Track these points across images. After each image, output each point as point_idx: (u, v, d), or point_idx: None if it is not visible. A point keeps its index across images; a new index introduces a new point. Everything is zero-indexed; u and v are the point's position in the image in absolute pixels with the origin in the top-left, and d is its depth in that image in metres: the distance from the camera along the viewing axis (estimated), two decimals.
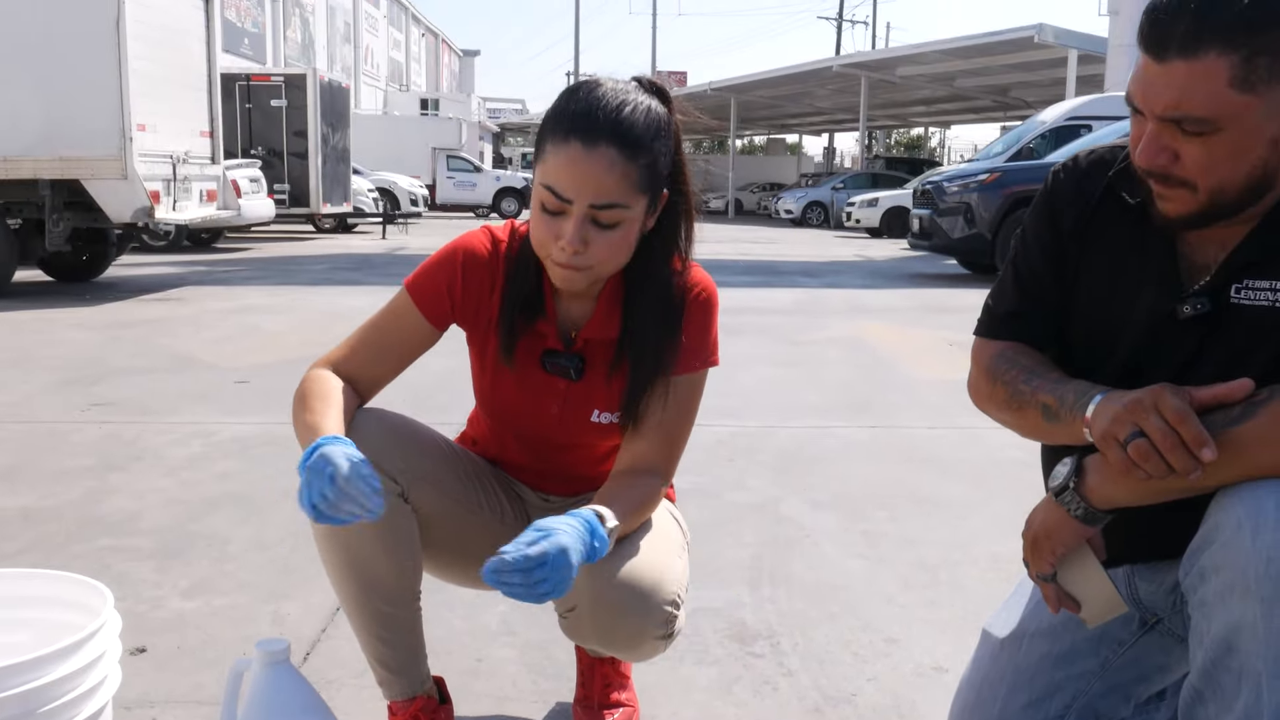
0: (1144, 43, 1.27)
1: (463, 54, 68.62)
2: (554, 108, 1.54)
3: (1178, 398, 1.19)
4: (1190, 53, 1.21)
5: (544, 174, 1.51)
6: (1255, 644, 1.17)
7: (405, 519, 1.64)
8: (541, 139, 1.54)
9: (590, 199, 1.48)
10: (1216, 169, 1.26)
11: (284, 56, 31.92)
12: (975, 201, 11.47)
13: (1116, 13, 17.57)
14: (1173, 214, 1.33)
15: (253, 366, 5.57)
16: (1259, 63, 1.20)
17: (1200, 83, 1.22)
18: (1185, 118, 1.24)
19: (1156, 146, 1.28)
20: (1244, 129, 1.23)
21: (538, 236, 1.55)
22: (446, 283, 1.67)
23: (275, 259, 13.39)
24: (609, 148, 1.47)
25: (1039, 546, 1.39)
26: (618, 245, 1.54)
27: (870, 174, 30.34)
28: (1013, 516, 1.46)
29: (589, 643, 1.63)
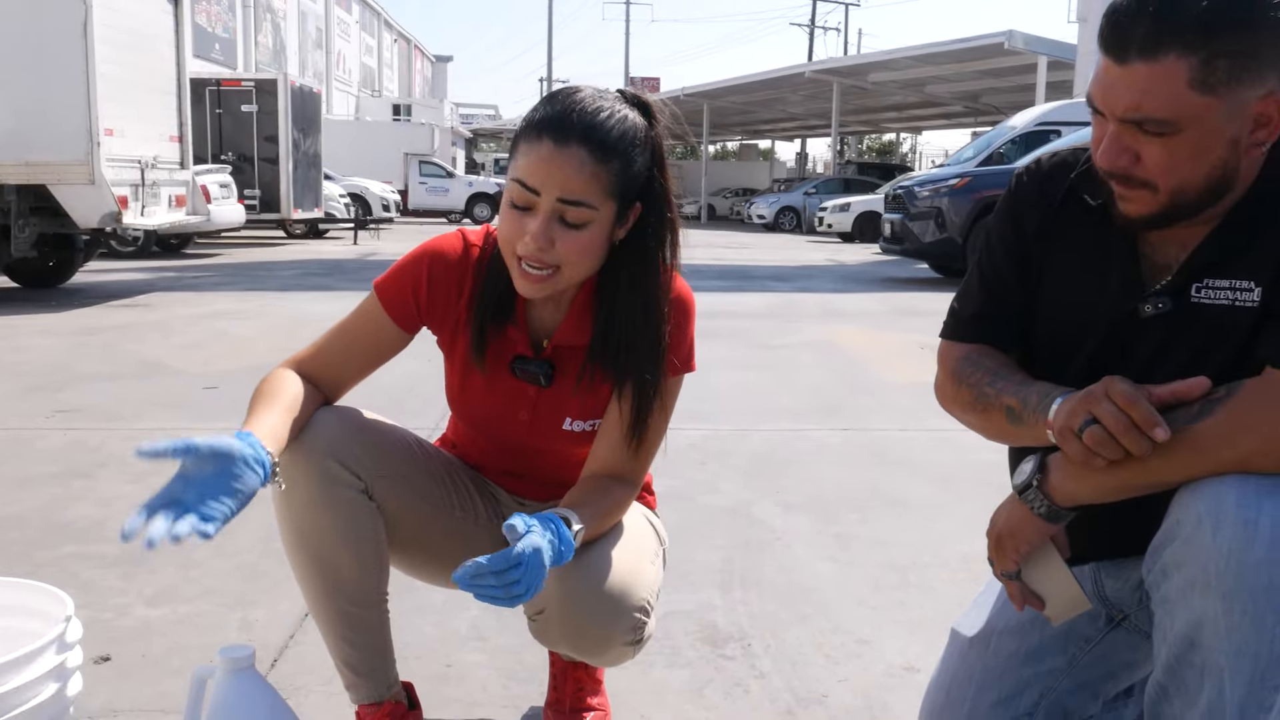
0: (1104, 45, 1.28)
1: (435, 60, 68.47)
2: (531, 110, 1.54)
3: (1128, 384, 1.20)
4: (1150, 55, 1.22)
5: (515, 170, 1.51)
6: (1217, 639, 1.18)
7: (369, 516, 1.63)
8: (516, 140, 1.54)
9: (558, 193, 1.48)
10: (1177, 170, 1.27)
11: (255, 62, 31.74)
12: (946, 206, 11.55)
13: (1085, 20, 17.77)
14: (1134, 214, 1.34)
15: (221, 372, 5.53)
16: (1218, 65, 1.21)
17: (1160, 84, 1.23)
18: (1146, 119, 1.25)
19: (1118, 148, 1.29)
20: (1204, 130, 1.24)
21: (504, 233, 1.54)
22: (412, 285, 1.66)
23: (245, 265, 13.30)
24: (580, 148, 1.47)
25: (1003, 545, 1.39)
26: (584, 248, 1.52)
27: (842, 179, 30.50)
28: (982, 518, 1.47)
29: (557, 646, 1.62)
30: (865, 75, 29.46)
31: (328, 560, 1.61)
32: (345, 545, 1.61)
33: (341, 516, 1.59)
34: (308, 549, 1.62)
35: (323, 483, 1.58)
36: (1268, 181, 1.32)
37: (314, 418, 1.61)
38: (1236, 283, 1.31)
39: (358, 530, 1.61)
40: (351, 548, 1.61)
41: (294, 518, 1.61)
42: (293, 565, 1.66)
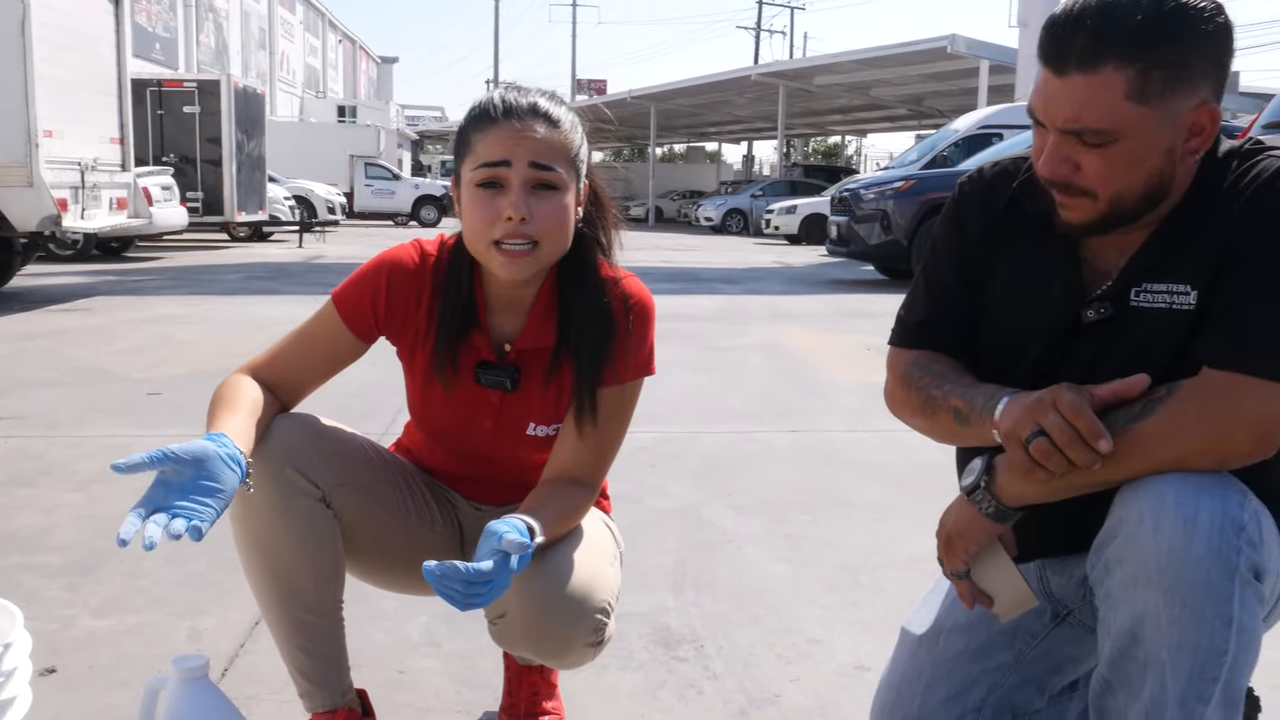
0: (1044, 58, 1.31)
1: (381, 61, 67.94)
2: (473, 108, 1.58)
3: (1074, 393, 1.24)
4: (1088, 67, 1.26)
5: (475, 159, 1.54)
6: (1159, 633, 1.21)
7: (327, 524, 1.62)
8: (466, 136, 1.56)
9: (530, 157, 1.52)
10: (1116, 178, 1.31)
11: (197, 62, 31.31)
12: (891, 208, 11.68)
13: (1026, 24, 18.03)
14: (1075, 222, 1.38)
15: (165, 378, 5.46)
16: (1153, 76, 1.25)
17: (1098, 96, 1.26)
18: (1085, 130, 1.29)
19: (1058, 158, 1.33)
20: (1140, 140, 1.28)
21: (476, 225, 1.55)
22: (370, 295, 1.66)
23: (188, 268, 13.12)
24: (534, 120, 1.54)
25: (952, 545, 1.42)
26: (559, 215, 1.55)
27: (789, 182, 30.74)
28: (931, 517, 1.49)
29: (518, 649, 1.62)
30: (810, 78, 29.68)
31: (285, 569, 1.60)
32: (303, 554, 1.60)
33: (300, 525, 1.59)
34: (265, 558, 1.61)
35: (282, 492, 1.57)
36: (1201, 188, 1.36)
37: (272, 425, 1.60)
38: (1173, 286, 1.35)
39: (316, 539, 1.61)
40: (309, 557, 1.61)
41: (251, 527, 1.60)
42: (248, 574, 1.65)
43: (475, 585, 1.32)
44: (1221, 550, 1.18)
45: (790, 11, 56.63)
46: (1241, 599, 1.19)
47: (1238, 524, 1.20)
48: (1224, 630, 1.19)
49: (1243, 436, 1.23)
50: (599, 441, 1.66)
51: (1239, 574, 1.19)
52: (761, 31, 55.04)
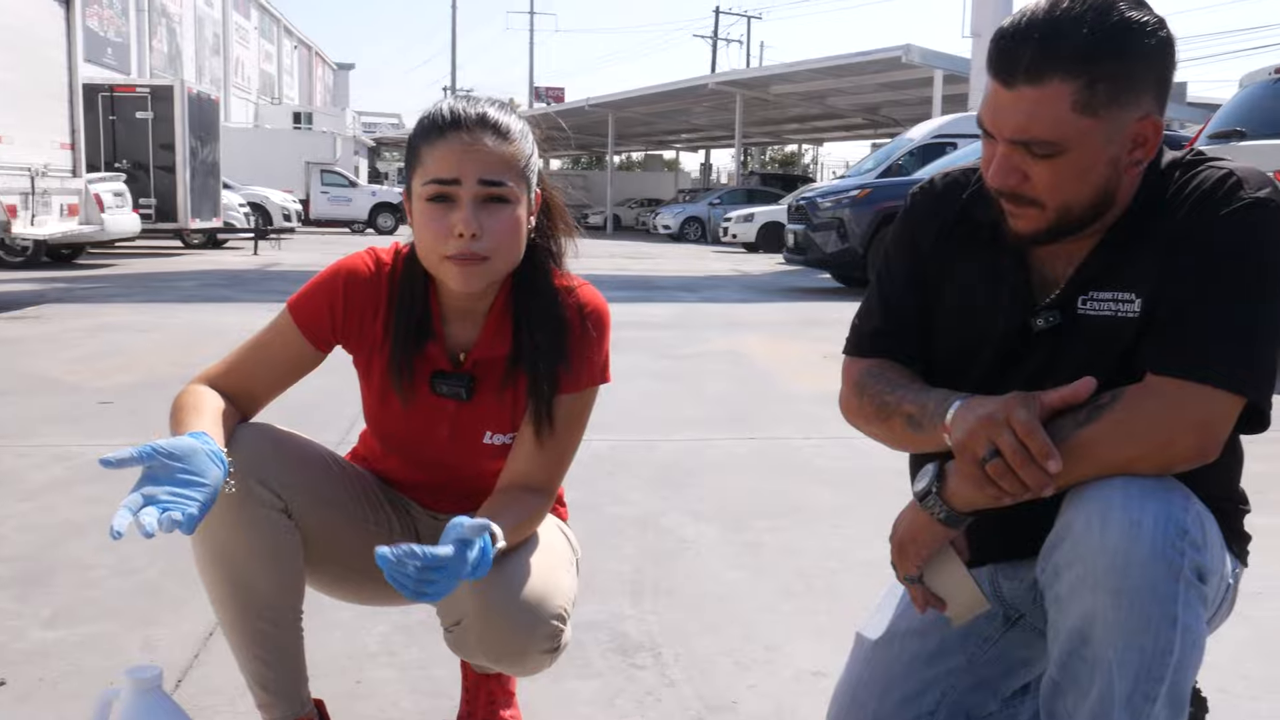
0: (993, 70, 1.34)
1: (337, 67, 67.57)
2: (423, 118, 1.59)
3: (1026, 410, 1.26)
4: (1036, 80, 1.29)
5: (425, 173, 1.55)
6: (1106, 634, 1.23)
7: (288, 535, 1.61)
8: (415, 151, 1.57)
9: (478, 173, 1.52)
10: (1063, 188, 1.34)
11: (150, 67, 30.97)
12: (847, 217, 11.77)
13: (979, 35, 18.24)
14: (1024, 231, 1.40)
15: (117, 387, 5.39)
16: (1099, 89, 1.28)
17: (1046, 108, 1.29)
18: (1033, 140, 1.31)
19: (1007, 168, 1.36)
20: (1087, 150, 1.31)
21: (428, 240, 1.56)
22: (328, 304, 1.66)
23: (141, 275, 12.96)
24: (484, 133, 1.55)
25: (905, 550, 1.44)
26: (511, 229, 1.56)
27: (746, 190, 30.87)
28: (887, 524, 1.51)
29: (474, 657, 1.63)
30: (767, 87, 29.85)
31: (245, 580, 1.59)
32: (264, 565, 1.59)
33: (262, 536, 1.58)
34: (225, 569, 1.59)
35: (244, 502, 1.55)
36: (1145, 198, 1.40)
37: (236, 436, 1.59)
38: (1119, 294, 1.38)
39: (277, 550, 1.60)
40: (270, 568, 1.60)
41: (212, 537, 1.58)
42: (207, 584, 1.63)
43: (428, 571, 1.32)
44: (1166, 552, 1.21)
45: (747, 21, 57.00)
46: (1185, 600, 1.22)
47: (1181, 527, 1.23)
48: (1169, 631, 1.22)
49: (1186, 441, 1.27)
50: (555, 449, 1.67)
51: (1183, 575, 1.22)
52: (718, 40, 55.31)
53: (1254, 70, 7.55)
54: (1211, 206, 1.34)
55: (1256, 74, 7.46)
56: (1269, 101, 7.15)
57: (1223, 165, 1.38)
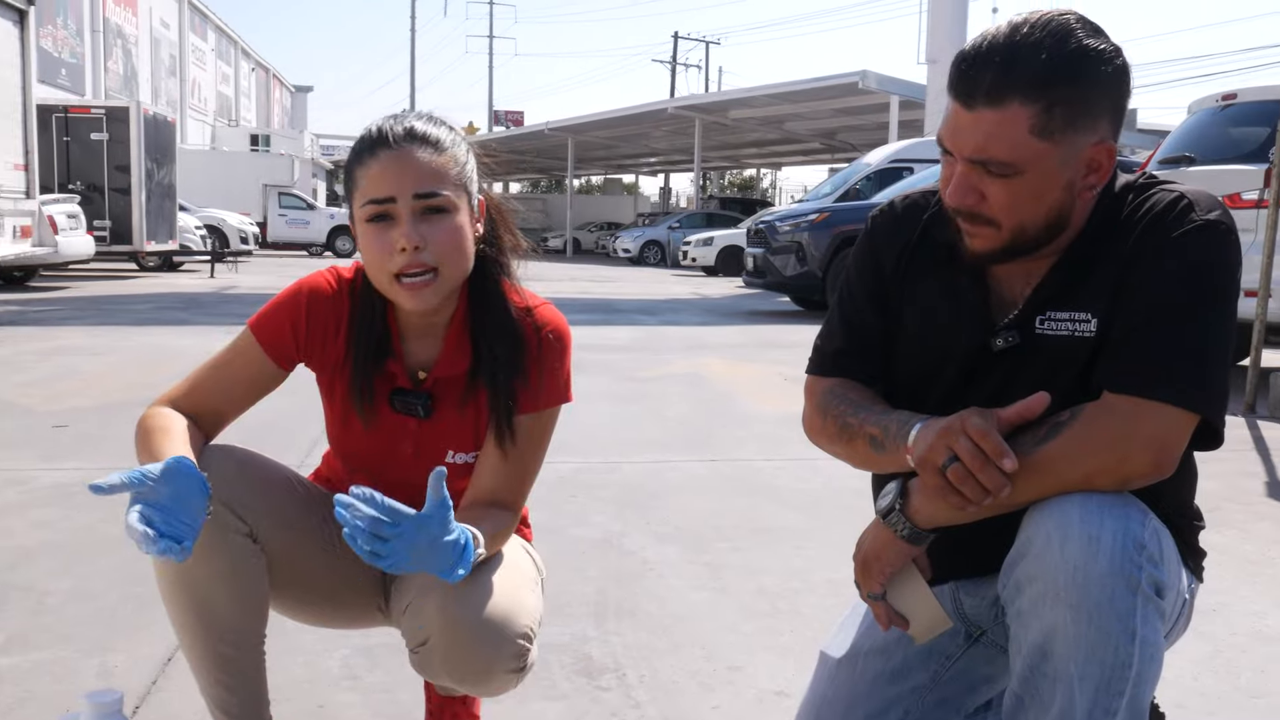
0: (954, 91, 1.37)
1: (295, 89, 67.24)
2: (355, 144, 1.61)
3: (980, 417, 1.28)
4: (995, 102, 1.32)
5: (362, 194, 1.56)
6: (1067, 648, 1.25)
7: (253, 558, 1.60)
8: (351, 173, 1.59)
9: (413, 188, 1.54)
10: (1018, 209, 1.37)
11: (105, 89, 30.65)
12: (806, 240, 11.86)
13: (935, 61, 18.52)
14: (979, 250, 1.44)
15: (72, 410, 5.31)
16: (1056, 113, 1.32)
17: (1004, 129, 1.32)
18: (990, 161, 1.34)
19: (965, 187, 1.39)
20: (1042, 173, 1.35)
21: (374, 260, 1.56)
22: (290, 321, 1.66)
23: (95, 298, 12.80)
24: (412, 146, 1.56)
25: (869, 567, 1.46)
26: (454, 237, 1.56)
27: (705, 214, 31.03)
28: (848, 543, 1.53)
29: (439, 678, 1.61)
30: (726, 112, 30.08)
31: (210, 605, 1.57)
32: (229, 589, 1.57)
33: (228, 562, 1.56)
34: (190, 594, 1.57)
35: (210, 528, 1.52)
36: (1100, 220, 1.43)
37: (203, 458, 1.57)
38: (1075, 315, 1.41)
39: (243, 574, 1.58)
40: (235, 592, 1.58)
41: (176, 562, 1.56)
42: (170, 608, 1.61)
43: (382, 522, 1.33)
44: (1124, 567, 1.24)
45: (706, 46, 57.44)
46: (1144, 615, 1.24)
47: (1139, 542, 1.25)
48: (1128, 645, 1.24)
49: (1142, 457, 1.29)
50: (519, 466, 1.67)
51: (1141, 590, 1.24)
52: (677, 65, 55.63)
53: (1202, 97, 7.72)
54: (1164, 228, 1.37)
55: (1204, 101, 7.63)
56: (1216, 128, 7.32)
57: (1174, 188, 1.42)
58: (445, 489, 1.39)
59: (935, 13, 18.83)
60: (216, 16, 45.92)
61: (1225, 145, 7.10)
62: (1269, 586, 2.99)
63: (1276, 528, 3.62)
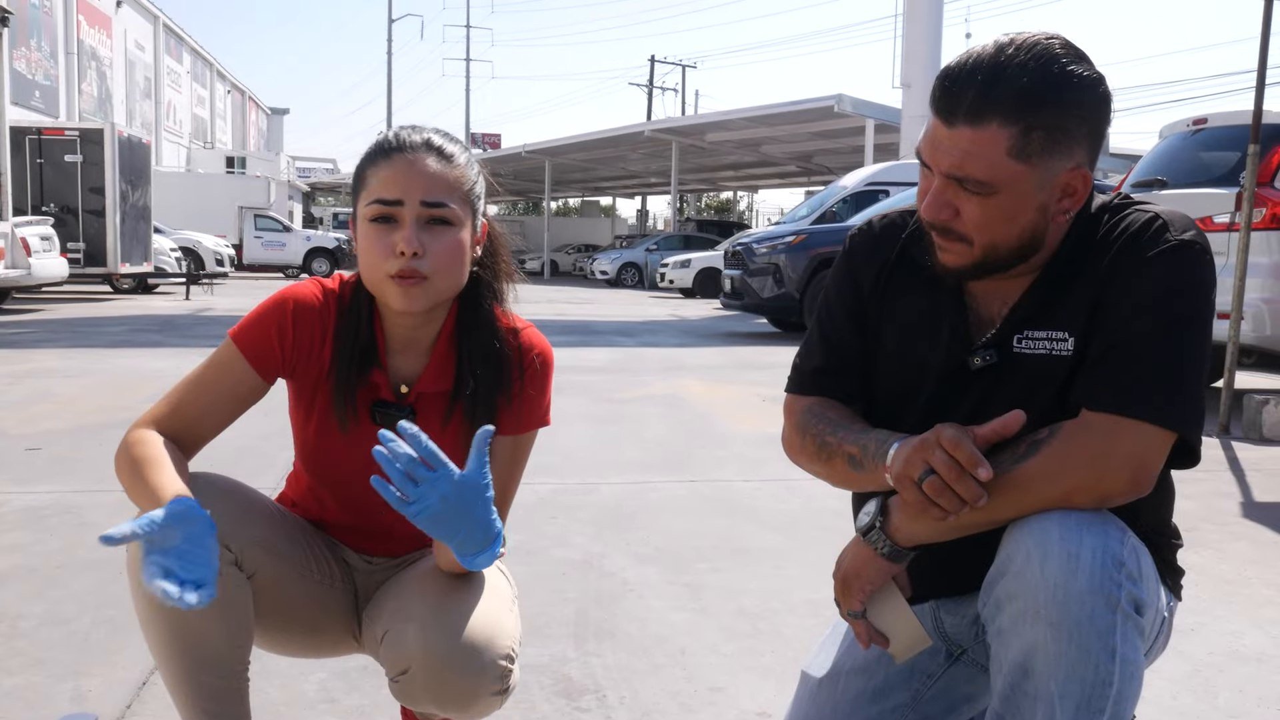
0: (935, 107, 1.38)
1: (271, 112, 67.16)
2: (368, 148, 1.61)
3: (954, 429, 1.29)
4: (975, 121, 1.33)
5: (370, 193, 1.56)
6: (1048, 666, 1.25)
7: (240, 588, 1.57)
8: (362, 173, 1.59)
9: (421, 195, 1.54)
10: (990, 228, 1.39)
11: (79, 110, 30.51)
12: (783, 262, 11.91)
13: (909, 85, 18.64)
14: (951, 265, 1.45)
15: (45, 433, 5.26)
16: (1034, 136, 1.33)
17: (982, 148, 1.34)
18: (967, 178, 1.36)
19: (940, 202, 1.40)
20: (1017, 195, 1.36)
21: (371, 259, 1.56)
22: (277, 331, 1.63)
23: (69, 320, 12.70)
24: (428, 155, 1.58)
25: (849, 585, 1.46)
26: (453, 251, 1.57)
27: (682, 236, 31.13)
28: (828, 564, 1.53)
29: (421, 704, 1.59)
30: (703, 135, 30.21)
31: (195, 635, 1.54)
32: (216, 621, 1.54)
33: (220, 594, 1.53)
34: (173, 625, 1.53)
35: None
36: (1076, 240, 1.45)
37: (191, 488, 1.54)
38: (1053, 334, 1.42)
39: (230, 604, 1.55)
40: (222, 623, 1.55)
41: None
42: (152, 639, 1.57)
43: (417, 463, 1.35)
44: (1104, 585, 1.24)
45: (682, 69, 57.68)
46: (1124, 632, 1.25)
47: (1118, 559, 1.26)
48: (1108, 663, 1.24)
49: (1120, 475, 1.30)
50: (497, 488, 1.66)
51: (1121, 607, 1.24)
52: (654, 88, 55.88)
53: (1173, 122, 7.81)
54: (1139, 248, 1.39)
55: (1175, 125, 7.72)
56: (1187, 152, 7.40)
57: (1149, 208, 1.43)
58: (487, 454, 1.39)
59: (910, 38, 18.99)
60: (192, 39, 45.85)
61: (1196, 169, 7.18)
62: (1245, 606, 3.01)
63: (1252, 547, 3.64)
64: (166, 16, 41.27)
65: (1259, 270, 6.33)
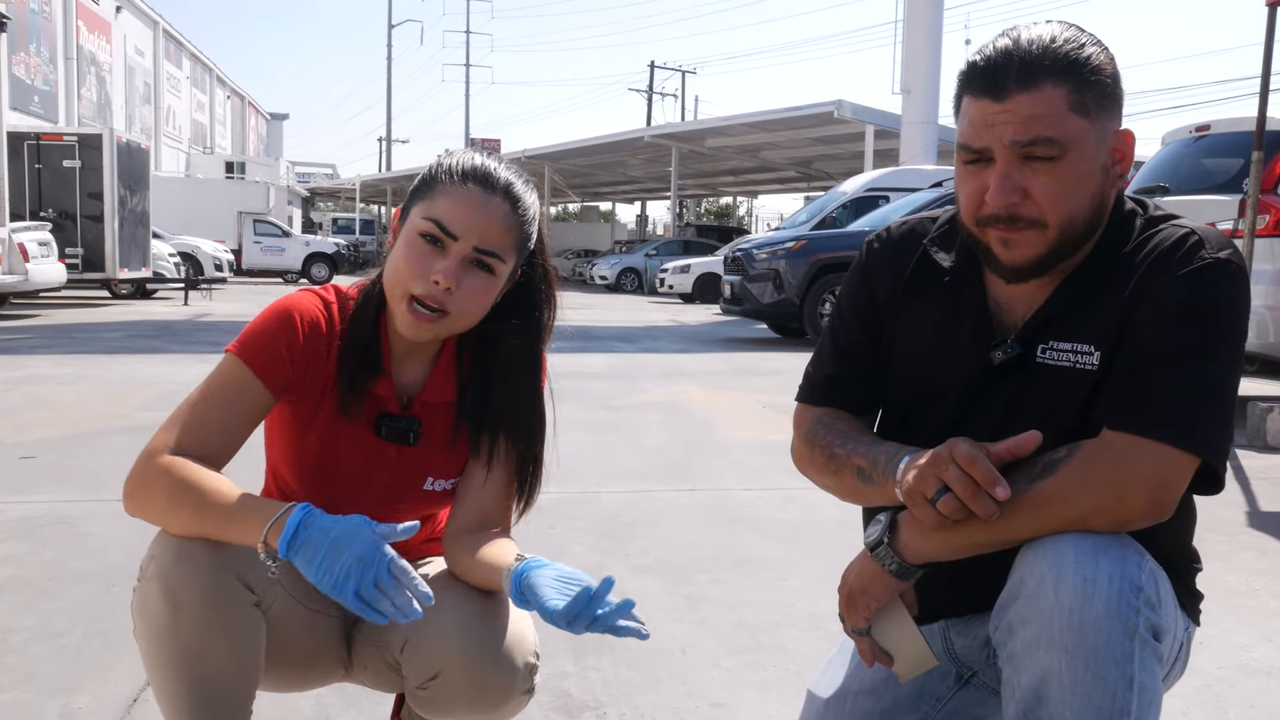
0: (979, 89, 1.35)
1: (271, 117, 67.20)
2: (447, 160, 1.58)
3: (968, 445, 1.26)
4: (1029, 85, 1.32)
5: (430, 209, 1.53)
6: (1062, 693, 1.21)
7: (258, 630, 1.50)
8: (431, 183, 1.55)
9: (477, 241, 1.52)
10: (1066, 198, 1.35)
11: (78, 116, 30.50)
12: (784, 268, 11.88)
13: (909, 91, 18.68)
14: (1020, 260, 1.39)
15: (40, 440, 5.22)
16: (1088, 92, 1.33)
17: (1045, 106, 1.32)
18: (1038, 139, 1.32)
19: (1009, 185, 1.35)
20: (1083, 155, 1.34)
21: (403, 270, 1.52)
22: (286, 343, 1.55)
23: (66, 326, 12.66)
24: (504, 202, 1.54)
25: (854, 601, 1.42)
26: (483, 297, 1.55)
27: (682, 241, 31.07)
28: (830, 576, 1.49)
29: (452, 709, 1.53)
30: (702, 140, 30.19)
31: (215, 680, 1.46)
32: (237, 664, 1.47)
33: (239, 639, 1.46)
34: (193, 669, 1.45)
35: (220, 602, 1.43)
36: (1107, 242, 1.40)
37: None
38: (1078, 346, 1.38)
39: (251, 646, 1.48)
40: (243, 666, 1.48)
41: (181, 637, 1.43)
42: (163, 683, 1.48)
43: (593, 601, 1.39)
44: (1121, 611, 1.20)
45: (682, 75, 57.66)
46: (1141, 659, 1.21)
47: (1136, 584, 1.22)
48: (1126, 691, 1.20)
49: (1140, 498, 1.26)
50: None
51: (1139, 634, 1.20)
52: (654, 94, 55.87)
53: (1176, 128, 7.78)
54: (1172, 265, 1.35)
55: (1177, 132, 7.69)
56: (1190, 158, 7.38)
57: (1184, 224, 1.40)
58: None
59: (910, 44, 19.00)
60: (192, 44, 45.88)
61: (1199, 175, 7.15)
62: (1254, 618, 2.97)
63: (1259, 558, 3.60)
64: (166, 22, 41.30)
65: (1263, 277, 6.29)
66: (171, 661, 1.45)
